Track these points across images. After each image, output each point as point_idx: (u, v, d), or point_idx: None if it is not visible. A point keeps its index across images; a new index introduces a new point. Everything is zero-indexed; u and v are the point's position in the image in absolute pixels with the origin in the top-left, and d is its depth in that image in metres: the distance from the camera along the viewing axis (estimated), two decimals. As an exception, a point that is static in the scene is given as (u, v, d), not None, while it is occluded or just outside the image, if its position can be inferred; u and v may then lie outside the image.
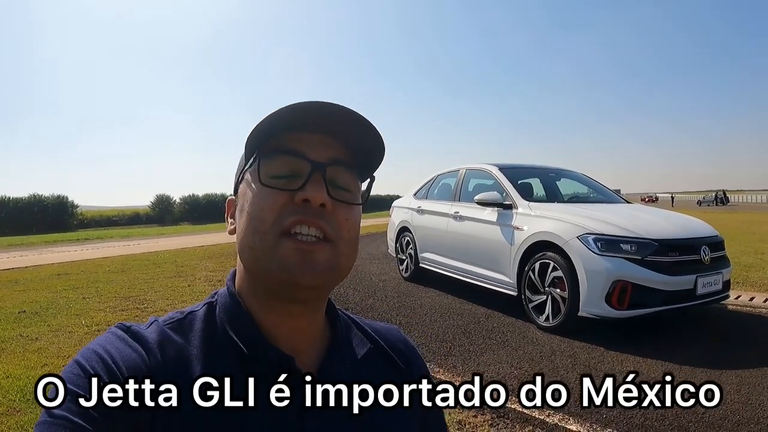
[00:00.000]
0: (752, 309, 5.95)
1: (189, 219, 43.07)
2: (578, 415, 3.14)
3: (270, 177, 0.69)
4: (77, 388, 0.60)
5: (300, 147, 0.70)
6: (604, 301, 4.56)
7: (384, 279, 8.15)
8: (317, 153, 0.71)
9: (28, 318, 5.56)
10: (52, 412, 0.58)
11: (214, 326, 0.73)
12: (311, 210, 0.68)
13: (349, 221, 0.72)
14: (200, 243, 15.28)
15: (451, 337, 4.82)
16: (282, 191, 0.69)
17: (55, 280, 8.29)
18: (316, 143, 0.71)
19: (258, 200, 0.69)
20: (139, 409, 0.61)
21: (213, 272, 8.82)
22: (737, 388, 3.56)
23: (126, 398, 0.61)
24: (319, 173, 0.69)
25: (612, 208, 5.93)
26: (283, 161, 0.70)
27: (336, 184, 0.72)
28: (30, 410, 3.14)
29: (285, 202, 0.68)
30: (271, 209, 0.68)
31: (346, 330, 0.85)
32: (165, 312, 5.65)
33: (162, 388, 0.63)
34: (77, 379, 0.61)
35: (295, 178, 0.69)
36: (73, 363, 0.63)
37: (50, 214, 35.65)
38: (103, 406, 0.59)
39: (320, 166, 0.70)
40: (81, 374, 0.61)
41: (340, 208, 0.71)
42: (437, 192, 7.87)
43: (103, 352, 0.64)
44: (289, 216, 0.67)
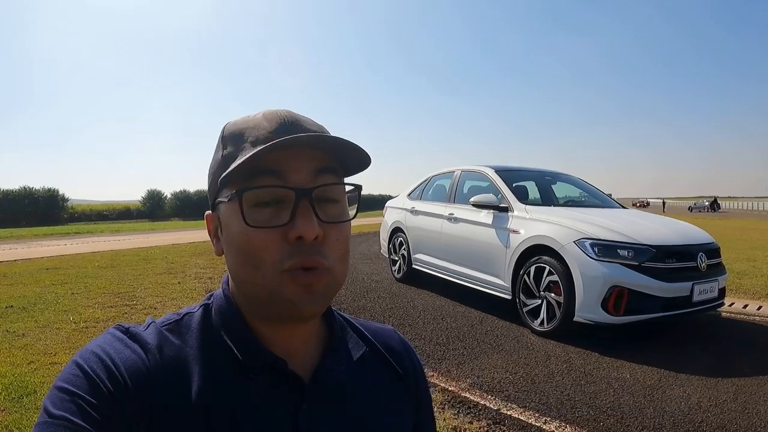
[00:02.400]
0: (746, 316, 5.95)
1: (180, 215, 42.96)
2: (575, 423, 3.10)
3: (253, 207, 0.66)
4: (77, 389, 0.59)
5: (277, 167, 0.66)
6: (600, 307, 4.54)
7: (376, 279, 8.11)
8: (298, 172, 0.67)
9: (15, 313, 5.47)
10: (51, 413, 0.58)
11: (210, 329, 0.72)
12: (306, 247, 0.65)
13: (340, 240, 0.70)
14: (191, 239, 15.16)
15: (445, 340, 4.78)
16: (271, 229, 0.65)
17: (44, 274, 8.18)
18: (295, 158, 0.67)
19: (247, 239, 0.66)
20: (138, 410, 0.61)
21: (203, 269, 8.74)
22: (733, 396, 3.54)
23: (125, 399, 0.61)
24: (306, 199, 0.66)
25: (608, 213, 5.92)
26: (264, 191, 0.66)
27: (323, 198, 0.68)
28: (15, 409, 3.06)
29: (278, 241, 0.65)
30: (266, 249, 0.65)
31: (342, 332, 0.83)
32: (154, 309, 5.59)
33: (160, 389, 0.63)
34: (76, 380, 0.60)
35: (279, 205, 0.66)
36: (72, 364, 0.63)
37: (41, 207, 35.49)
38: (103, 407, 0.59)
39: (306, 192, 0.66)
40: (80, 375, 0.61)
41: (332, 229, 0.68)
42: (431, 193, 7.82)
43: (102, 353, 0.64)
44: (288, 258, 0.65)
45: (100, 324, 4.98)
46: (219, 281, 7.47)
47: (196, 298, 6.26)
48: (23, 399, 3.20)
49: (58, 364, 3.83)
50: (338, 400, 0.73)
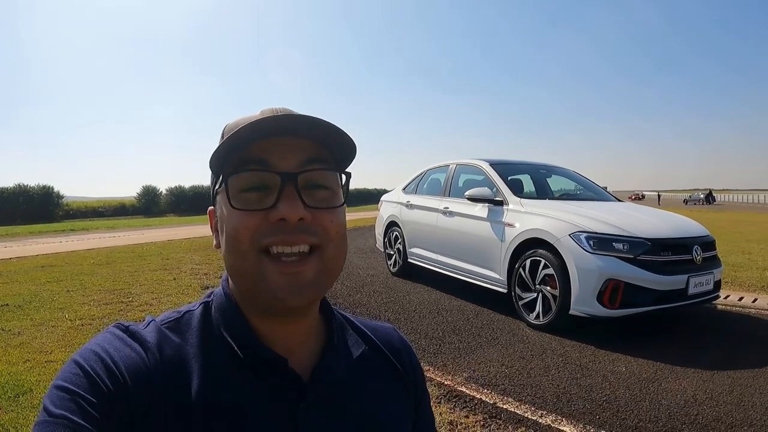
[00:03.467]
0: (741, 309, 5.96)
1: (175, 210, 42.91)
2: (571, 416, 3.11)
3: (240, 192, 0.68)
4: (77, 388, 0.59)
5: (266, 156, 0.68)
6: (596, 300, 4.54)
7: (372, 274, 8.11)
8: (286, 160, 0.68)
9: (10, 311, 5.45)
10: (52, 411, 0.57)
11: (210, 327, 0.73)
12: (290, 227, 0.66)
13: (334, 222, 0.71)
14: (186, 235, 15.14)
15: (441, 334, 4.78)
16: (254, 212, 0.67)
17: (39, 272, 8.16)
18: (283, 147, 0.69)
19: (231, 222, 0.68)
20: (138, 408, 0.61)
21: (199, 265, 8.72)
22: (729, 389, 3.55)
23: (125, 398, 0.61)
24: (291, 184, 0.67)
25: (603, 206, 5.91)
26: (250, 176, 0.67)
27: (312, 183, 0.70)
28: (11, 408, 3.04)
29: (259, 222, 0.66)
30: (245, 230, 0.66)
31: (342, 330, 0.84)
32: (150, 305, 5.57)
33: (160, 387, 0.63)
34: (76, 379, 0.60)
35: (266, 190, 0.68)
36: (71, 362, 0.63)
37: (35, 205, 35.34)
38: (103, 406, 0.59)
39: (291, 176, 0.67)
40: (80, 373, 0.61)
41: (323, 213, 0.69)
42: (427, 187, 7.81)
43: (102, 351, 0.64)
44: (265, 237, 0.66)
45: (96, 321, 4.97)
46: (214, 277, 7.47)
47: (192, 294, 6.26)
48: (19, 398, 3.18)
49: (54, 362, 3.81)
50: (338, 399, 0.74)
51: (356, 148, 0.74)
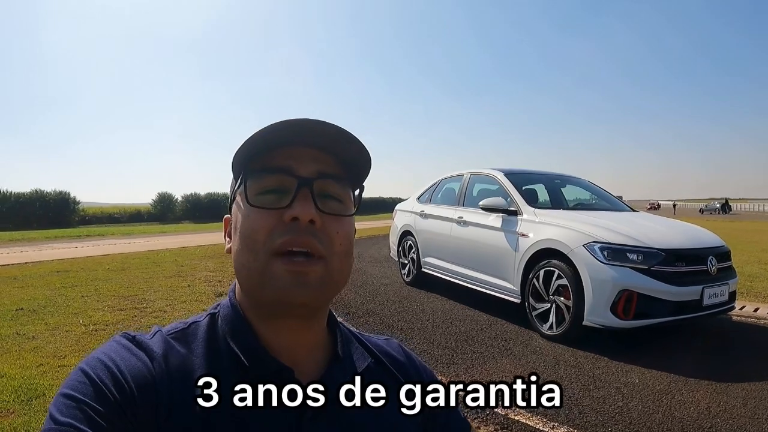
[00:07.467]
0: (757, 320, 5.89)
1: (190, 217, 43.08)
2: (584, 428, 3.09)
3: (258, 194, 0.71)
4: (83, 396, 0.60)
5: (287, 163, 0.71)
6: (610, 311, 4.50)
7: (385, 283, 8.10)
8: (305, 168, 0.71)
9: (25, 316, 5.51)
10: (57, 419, 0.58)
11: (216, 337, 0.73)
12: (301, 228, 0.68)
13: (340, 234, 0.72)
14: (201, 242, 15.22)
15: (454, 344, 4.77)
16: (270, 210, 0.69)
17: (55, 277, 8.25)
18: (305, 157, 0.72)
19: (248, 221, 0.70)
20: (143, 417, 0.62)
21: (213, 272, 8.77)
22: (743, 402, 3.51)
23: (131, 406, 0.61)
24: (307, 188, 0.70)
25: (617, 216, 5.88)
26: (270, 179, 0.71)
27: (326, 194, 0.72)
28: (24, 412, 3.08)
29: (275, 222, 0.69)
30: (261, 229, 0.69)
31: (347, 343, 0.84)
32: (164, 312, 5.61)
33: (165, 397, 0.64)
34: (82, 387, 0.61)
35: (283, 194, 0.70)
36: (77, 371, 0.63)
37: (52, 210, 35.62)
38: (108, 414, 0.59)
39: (307, 181, 0.70)
40: (86, 382, 0.61)
41: (331, 221, 0.71)
42: (441, 196, 7.80)
43: (108, 360, 0.65)
44: (279, 236, 0.68)
45: (110, 327, 5.01)
46: (228, 284, 7.49)
47: (206, 301, 6.29)
48: (32, 402, 3.22)
49: (67, 366, 3.85)
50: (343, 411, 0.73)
51: (371, 163, 0.77)
